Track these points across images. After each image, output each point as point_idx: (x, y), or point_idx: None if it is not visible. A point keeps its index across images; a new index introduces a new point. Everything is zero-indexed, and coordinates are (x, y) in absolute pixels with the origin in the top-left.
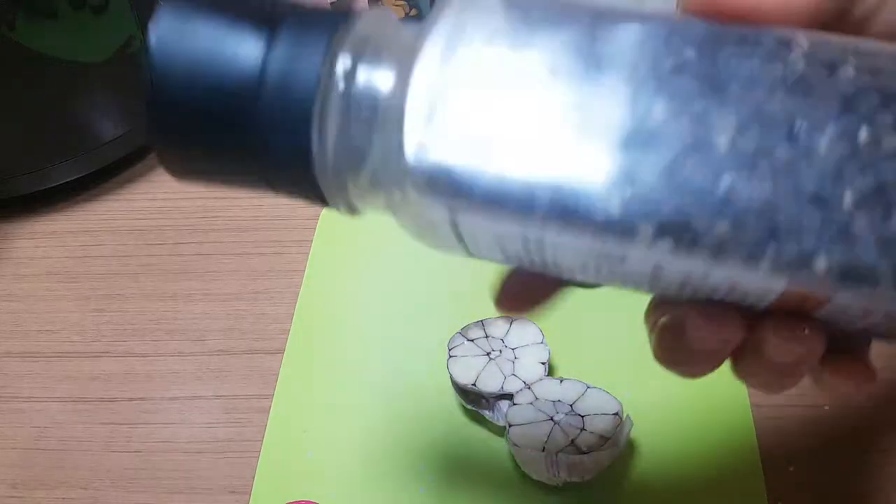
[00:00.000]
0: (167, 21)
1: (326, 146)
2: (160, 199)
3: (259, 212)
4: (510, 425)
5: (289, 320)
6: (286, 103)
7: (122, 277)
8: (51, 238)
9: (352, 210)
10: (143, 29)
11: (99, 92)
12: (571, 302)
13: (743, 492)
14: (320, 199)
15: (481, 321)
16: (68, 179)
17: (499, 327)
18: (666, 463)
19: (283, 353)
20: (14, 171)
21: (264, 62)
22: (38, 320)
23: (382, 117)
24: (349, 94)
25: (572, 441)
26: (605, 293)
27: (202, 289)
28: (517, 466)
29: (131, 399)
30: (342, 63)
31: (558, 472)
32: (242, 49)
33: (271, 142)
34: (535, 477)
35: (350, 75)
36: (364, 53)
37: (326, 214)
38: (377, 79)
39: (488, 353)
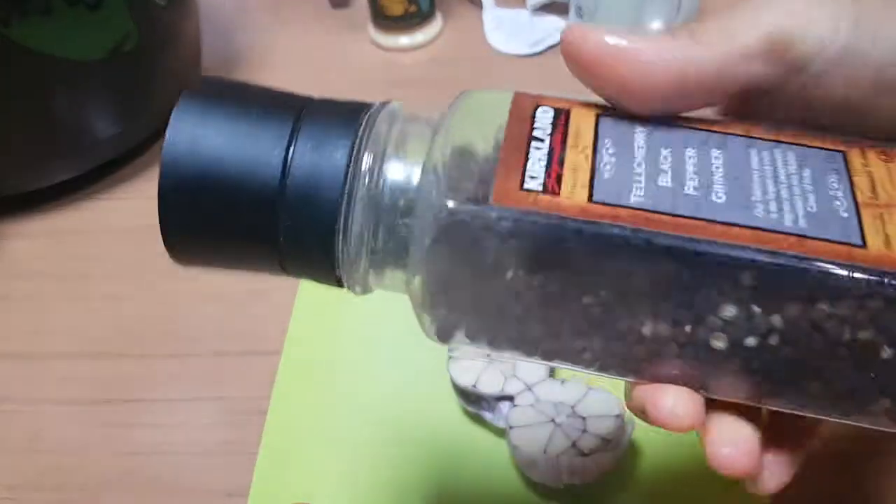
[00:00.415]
0: (185, 113)
1: (350, 240)
2: (156, 199)
3: None
4: (511, 427)
5: (286, 321)
6: (311, 202)
7: (118, 278)
8: (45, 238)
9: (366, 291)
10: (139, 26)
11: (94, 90)
12: None
13: (744, 493)
14: (337, 283)
15: None
16: (63, 179)
17: None
18: (667, 465)
19: (280, 354)
20: (7, 169)
21: (287, 161)
22: (33, 321)
23: (408, 209)
24: (373, 189)
25: (573, 443)
26: None
27: (198, 290)
28: (518, 468)
29: (127, 401)
30: (366, 160)
31: (559, 475)
32: (263, 147)
33: (295, 239)
34: (535, 479)
35: (373, 171)
36: (386, 148)
37: None
38: (400, 172)
39: (488, 354)
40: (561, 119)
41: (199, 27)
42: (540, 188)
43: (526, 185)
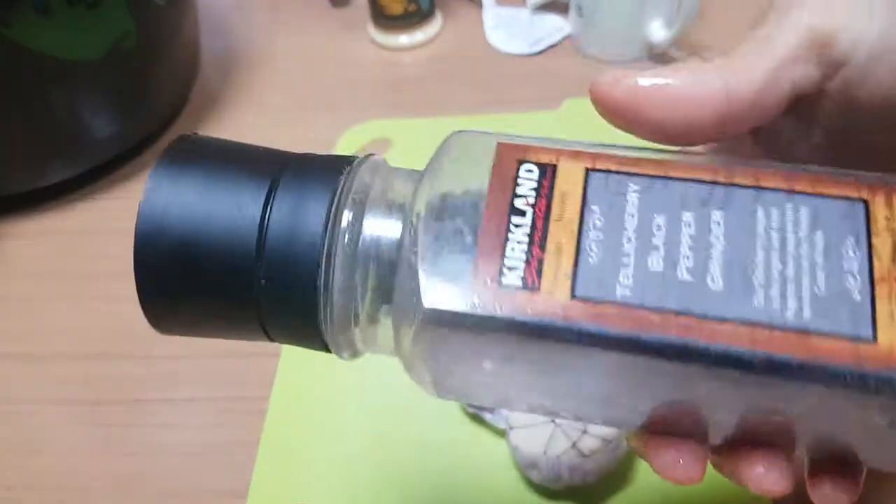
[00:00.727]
0: (159, 179)
1: (332, 304)
2: None
3: None
4: (511, 428)
5: None
6: (290, 266)
7: (116, 278)
8: (44, 238)
9: (354, 356)
10: (138, 25)
11: (93, 89)
12: None
13: (745, 493)
14: (323, 348)
15: None
16: (61, 178)
17: None
18: None
19: (279, 355)
20: (6, 169)
21: (264, 225)
22: (31, 321)
23: (390, 270)
24: (353, 248)
25: (574, 444)
26: None
27: None
28: (518, 469)
29: (126, 401)
30: (346, 218)
31: (560, 475)
32: (240, 211)
33: (276, 305)
34: (536, 480)
35: (353, 229)
36: (366, 206)
37: None
38: (381, 229)
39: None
40: (546, 179)
41: (198, 26)
42: (519, 282)
43: (504, 280)
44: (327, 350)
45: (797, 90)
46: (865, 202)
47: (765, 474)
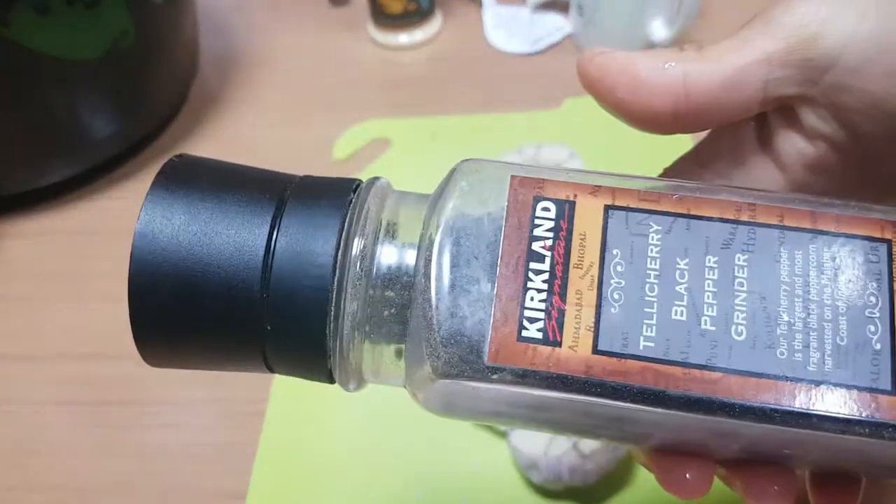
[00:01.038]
0: (156, 205)
1: (342, 333)
2: None
3: None
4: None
5: None
6: (298, 294)
7: (115, 278)
8: (43, 237)
9: (360, 387)
10: (136, 24)
11: (91, 89)
12: None
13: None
14: (328, 380)
15: None
16: (60, 178)
17: None
18: None
19: None
20: (5, 169)
21: (270, 252)
22: (30, 322)
23: (405, 300)
24: (365, 277)
25: (574, 444)
26: None
27: None
28: (519, 470)
29: (126, 402)
30: (356, 246)
31: (560, 476)
32: (243, 238)
33: (281, 336)
34: (536, 480)
35: (364, 257)
36: (378, 234)
37: None
38: (396, 260)
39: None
40: (564, 220)
41: (197, 25)
42: (539, 337)
43: (524, 334)
44: (332, 381)
45: (772, 92)
46: (889, 242)
47: (776, 494)
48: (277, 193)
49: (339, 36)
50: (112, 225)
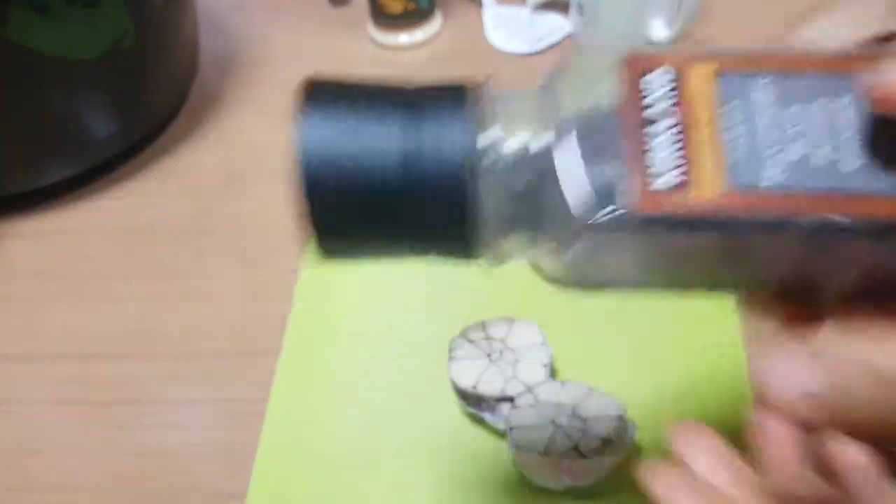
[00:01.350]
0: (311, 118)
1: (483, 214)
2: (154, 199)
3: (255, 212)
4: (511, 429)
5: (285, 322)
6: (440, 182)
7: (115, 278)
8: (42, 238)
9: (501, 262)
10: (136, 24)
11: (91, 89)
12: (573, 303)
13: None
14: (473, 257)
15: (482, 322)
16: (60, 178)
17: (499, 329)
18: None
19: (279, 355)
20: (4, 169)
21: (410, 149)
22: (30, 322)
23: (541, 176)
24: (505, 159)
25: (575, 445)
26: (608, 296)
27: (196, 290)
28: (519, 470)
29: (126, 402)
30: (490, 135)
31: (560, 476)
32: (388, 134)
33: (428, 220)
34: (536, 481)
35: (500, 142)
36: (503, 122)
37: None
38: (528, 143)
39: (489, 355)
40: (677, 84)
41: (197, 25)
42: (669, 186)
43: (654, 186)
44: (472, 257)
45: None
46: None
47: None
48: (408, 97)
49: (339, 36)
50: (112, 225)
